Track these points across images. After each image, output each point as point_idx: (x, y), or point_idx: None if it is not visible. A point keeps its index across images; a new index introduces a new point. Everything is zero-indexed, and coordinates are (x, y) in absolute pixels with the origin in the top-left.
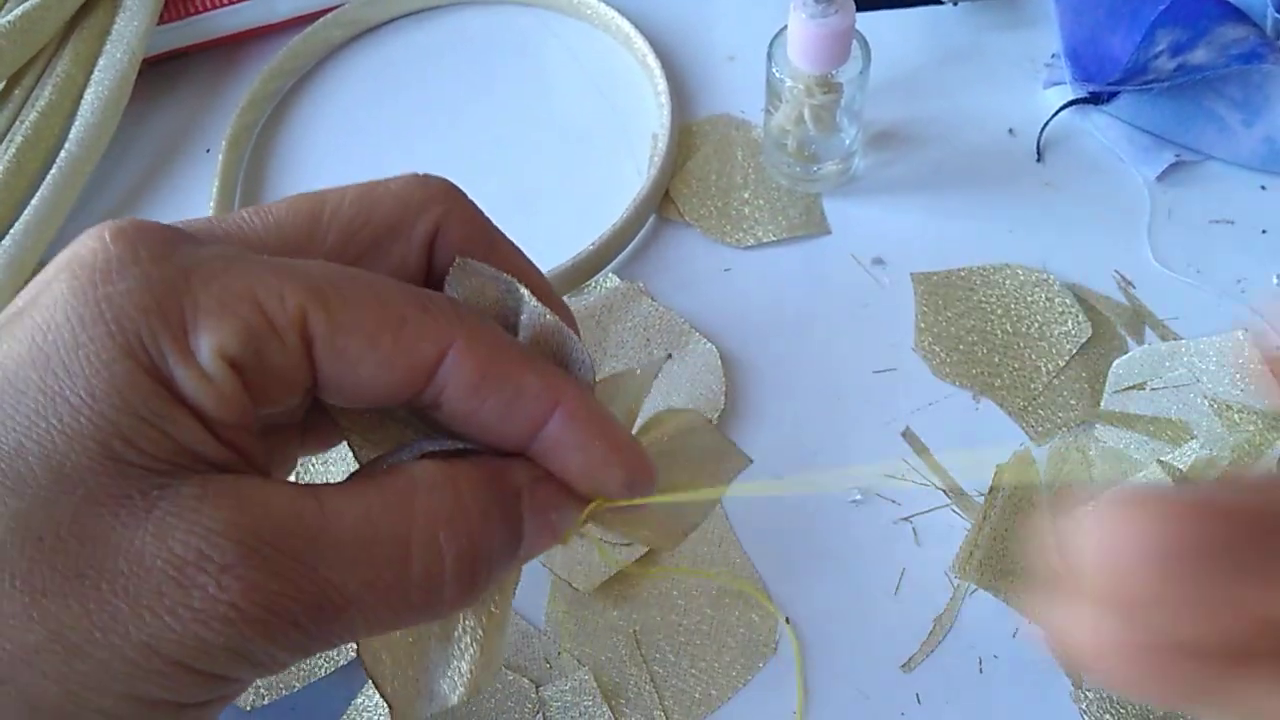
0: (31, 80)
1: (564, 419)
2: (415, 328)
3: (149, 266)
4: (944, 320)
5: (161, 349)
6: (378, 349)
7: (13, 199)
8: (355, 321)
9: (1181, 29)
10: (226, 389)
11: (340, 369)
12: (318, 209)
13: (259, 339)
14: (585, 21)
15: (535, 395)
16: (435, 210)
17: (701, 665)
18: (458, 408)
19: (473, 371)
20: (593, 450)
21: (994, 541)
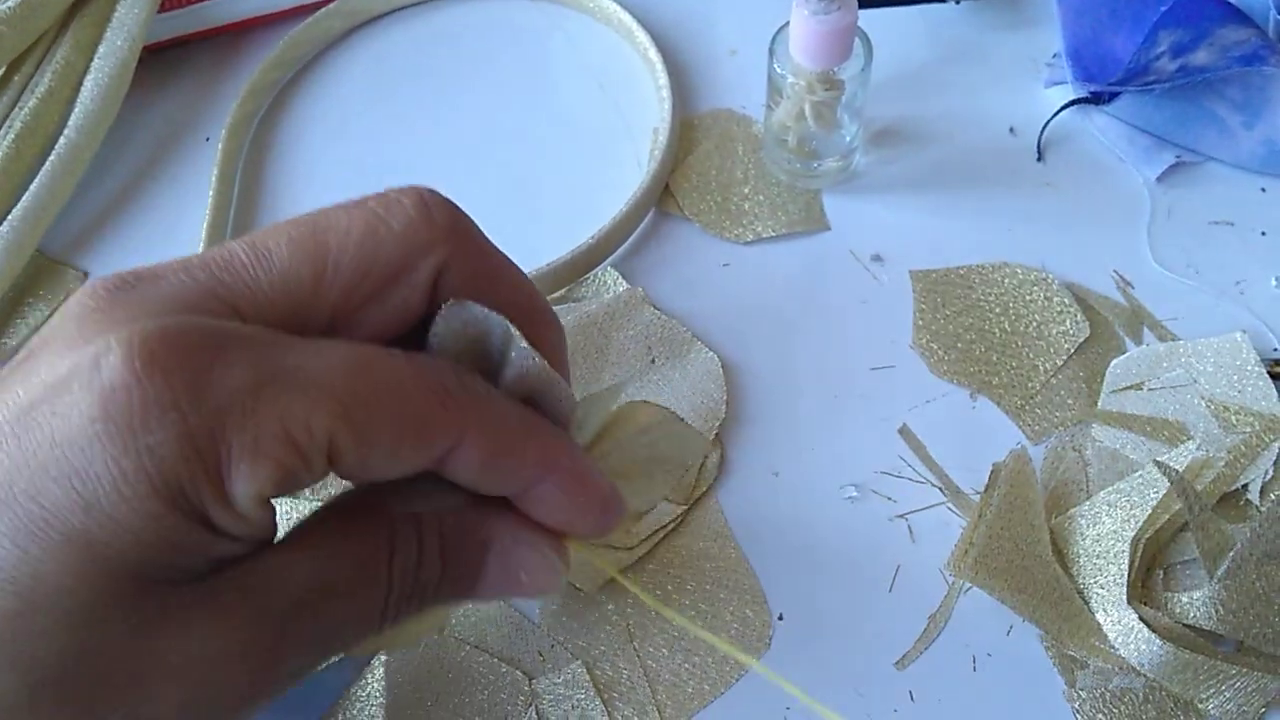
0: (31, 67)
1: (556, 482)
2: (434, 429)
3: (187, 412)
4: (942, 318)
5: (202, 497)
6: (398, 455)
7: (11, 185)
8: (379, 438)
9: (1183, 30)
10: (260, 522)
11: (360, 472)
12: (320, 261)
13: (290, 475)
14: (587, 14)
15: (534, 463)
16: (439, 252)
17: (695, 660)
18: (464, 479)
19: (482, 458)
20: (575, 506)
21: (990, 540)
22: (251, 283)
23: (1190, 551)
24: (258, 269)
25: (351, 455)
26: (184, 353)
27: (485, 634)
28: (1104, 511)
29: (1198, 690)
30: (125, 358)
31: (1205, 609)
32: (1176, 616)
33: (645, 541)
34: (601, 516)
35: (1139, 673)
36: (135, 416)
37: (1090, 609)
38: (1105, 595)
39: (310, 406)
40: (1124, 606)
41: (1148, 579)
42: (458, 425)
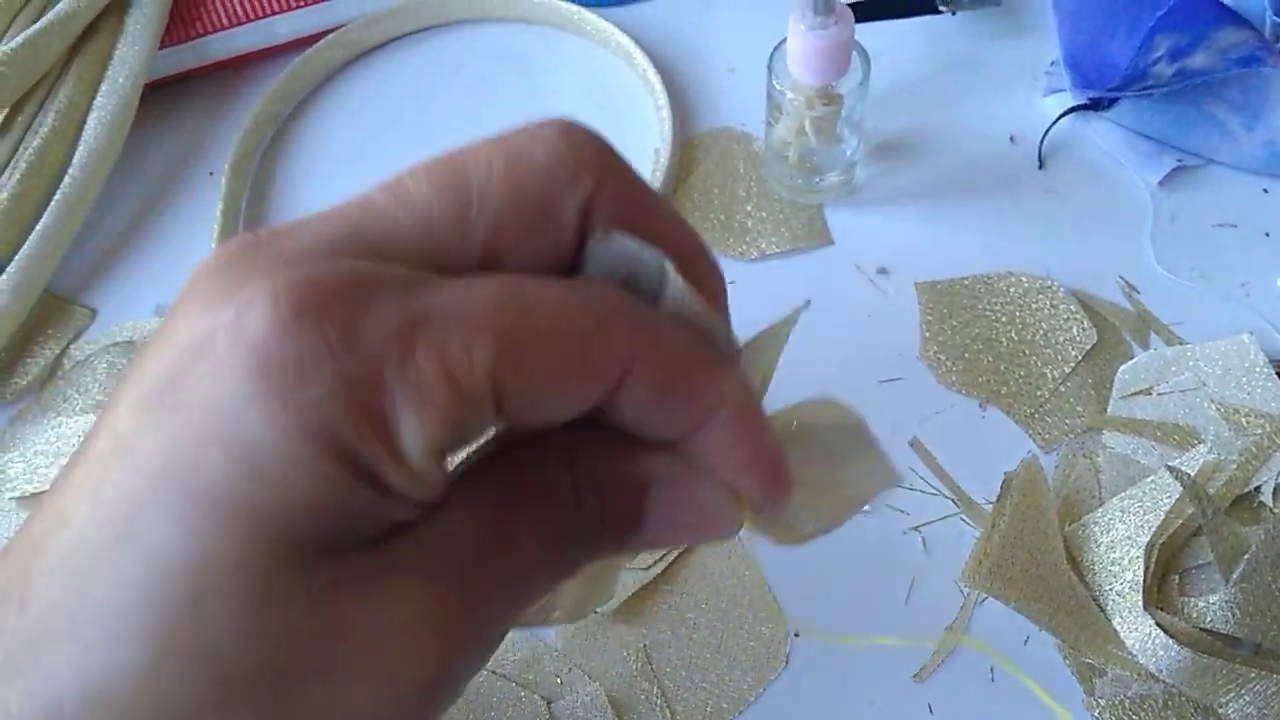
0: (35, 106)
1: (722, 420)
2: (599, 355)
3: (344, 359)
4: (949, 329)
5: (371, 454)
6: (564, 388)
7: (18, 225)
8: (543, 369)
9: (1180, 34)
10: (434, 479)
11: (527, 411)
12: (465, 197)
13: (460, 425)
14: (585, 38)
15: (702, 399)
16: (586, 185)
17: (712, 679)
18: (630, 415)
19: (651, 387)
20: (744, 450)
21: (1003, 549)
22: (392, 224)
23: (1205, 555)
24: (398, 210)
25: (517, 394)
26: (332, 299)
27: (502, 659)
28: (1117, 518)
29: (1217, 694)
30: (271, 309)
31: (1222, 613)
32: (1193, 621)
33: (660, 560)
34: (771, 474)
35: (1158, 679)
36: (290, 370)
37: (1107, 616)
38: (1121, 602)
39: (469, 344)
40: (1140, 613)
41: (1163, 584)
42: (626, 350)
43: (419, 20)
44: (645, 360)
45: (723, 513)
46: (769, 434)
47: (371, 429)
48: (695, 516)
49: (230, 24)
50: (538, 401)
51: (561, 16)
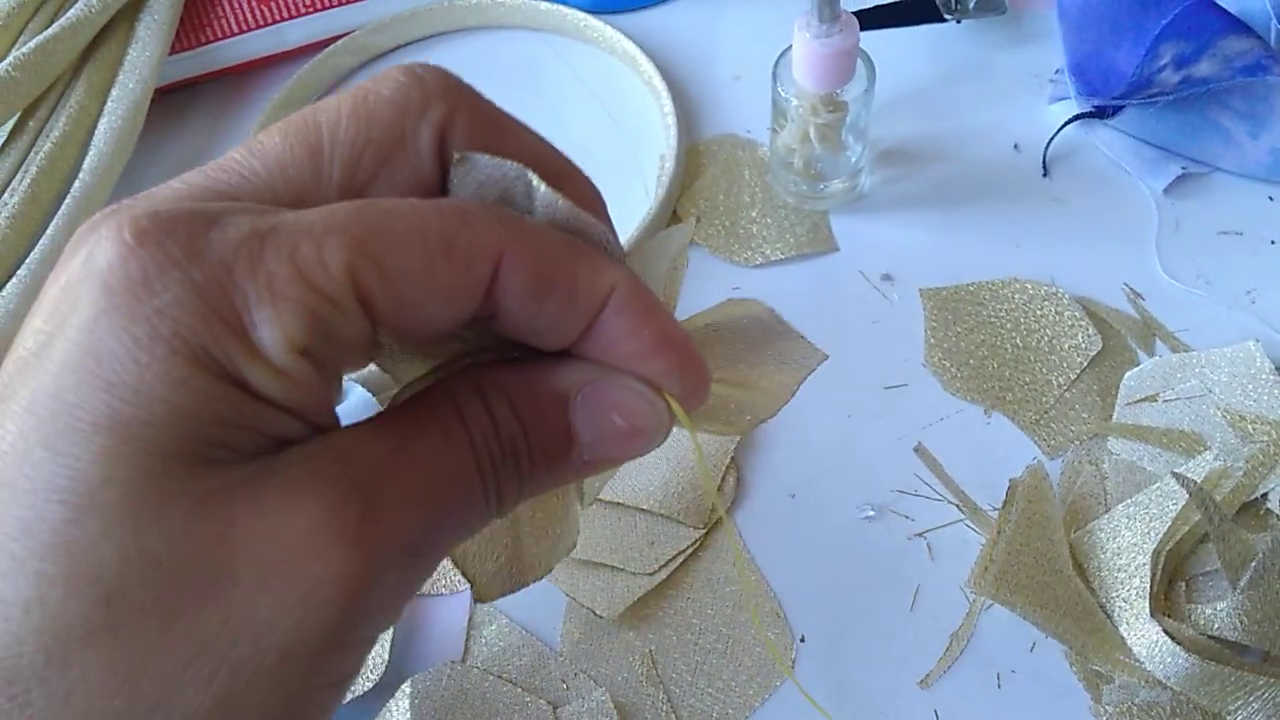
0: (46, 111)
1: (615, 307)
2: (464, 249)
3: (189, 267)
4: (954, 335)
5: (229, 353)
6: (435, 284)
7: (29, 229)
8: (405, 264)
9: (1185, 42)
10: (302, 377)
11: (402, 314)
12: (315, 140)
13: (321, 319)
14: (592, 45)
15: (589, 287)
16: (437, 112)
17: (718, 684)
18: (517, 315)
19: (527, 277)
20: (642, 337)
21: (1010, 556)
22: (248, 172)
23: (1212, 562)
24: (252, 161)
25: (381, 291)
26: (176, 222)
27: (508, 664)
28: (1123, 525)
29: (1225, 702)
30: (116, 238)
31: (1229, 620)
32: (1200, 628)
33: (665, 566)
34: (681, 355)
35: (1165, 686)
36: (136, 284)
37: (1113, 623)
38: (1128, 609)
39: (321, 243)
40: (1148, 619)
41: (1170, 591)
42: (493, 242)
43: (427, 27)
44: (516, 251)
45: (646, 409)
46: (668, 318)
47: (225, 328)
48: (620, 419)
49: (240, 30)
50: (408, 300)
51: (568, 23)
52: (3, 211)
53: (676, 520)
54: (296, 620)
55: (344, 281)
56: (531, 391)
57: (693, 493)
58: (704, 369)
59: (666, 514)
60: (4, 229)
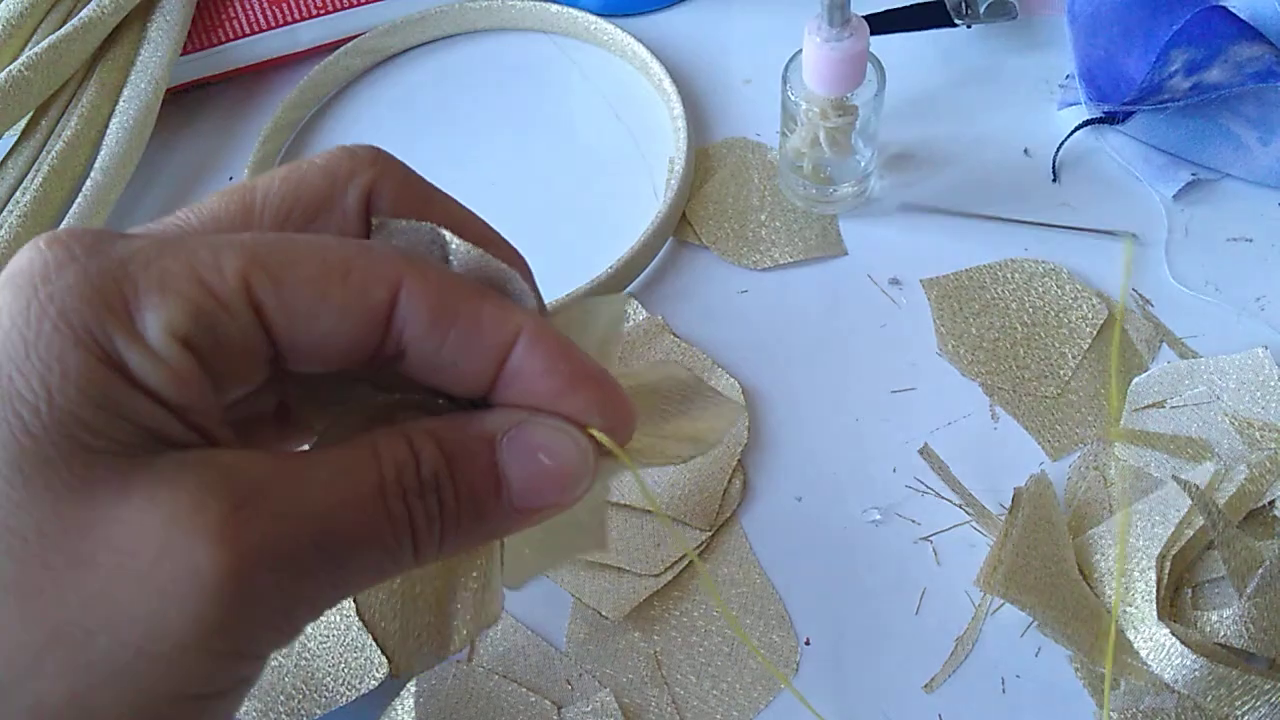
0: (58, 111)
1: (526, 345)
2: (361, 272)
3: (85, 261)
4: (962, 321)
5: (109, 334)
6: (329, 299)
7: (41, 227)
8: (300, 277)
9: (1196, 48)
10: (182, 368)
11: (296, 328)
12: (249, 197)
13: (207, 313)
14: (602, 47)
15: (495, 323)
16: (364, 177)
17: (723, 686)
18: (421, 349)
19: (428, 306)
20: (558, 374)
21: (1017, 557)
22: (182, 223)
23: (1218, 569)
24: (191, 215)
25: (273, 299)
26: (87, 232)
27: (513, 664)
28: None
29: (1233, 706)
30: (32, 245)
31: (1235, 627)
32: (1206, 635)
33: (671, 568)
34: (598, 389)
35: (1171, 690)
36: (36, 275)
37: (1120, 627)
38: (1134, 613)
39: (220, 251)
40: (1155, 623)
41: (1176, 598)
42: (391, 270)
43: (438, 29)
44: (416, 281)
45: (572, 447)
46: (583, 355)
47: (109, 311)
48: (548, 459)
49: (252, 31)
50: (301, 313)
51: (578, 26)
52: (15, 210)
53: (683, 522)
54: (153, 614)
55: (236, 285)
56: (458, 432)
57: (699, 495)
58: (626, 402)
59: (673, 515)
60: (16, 228)
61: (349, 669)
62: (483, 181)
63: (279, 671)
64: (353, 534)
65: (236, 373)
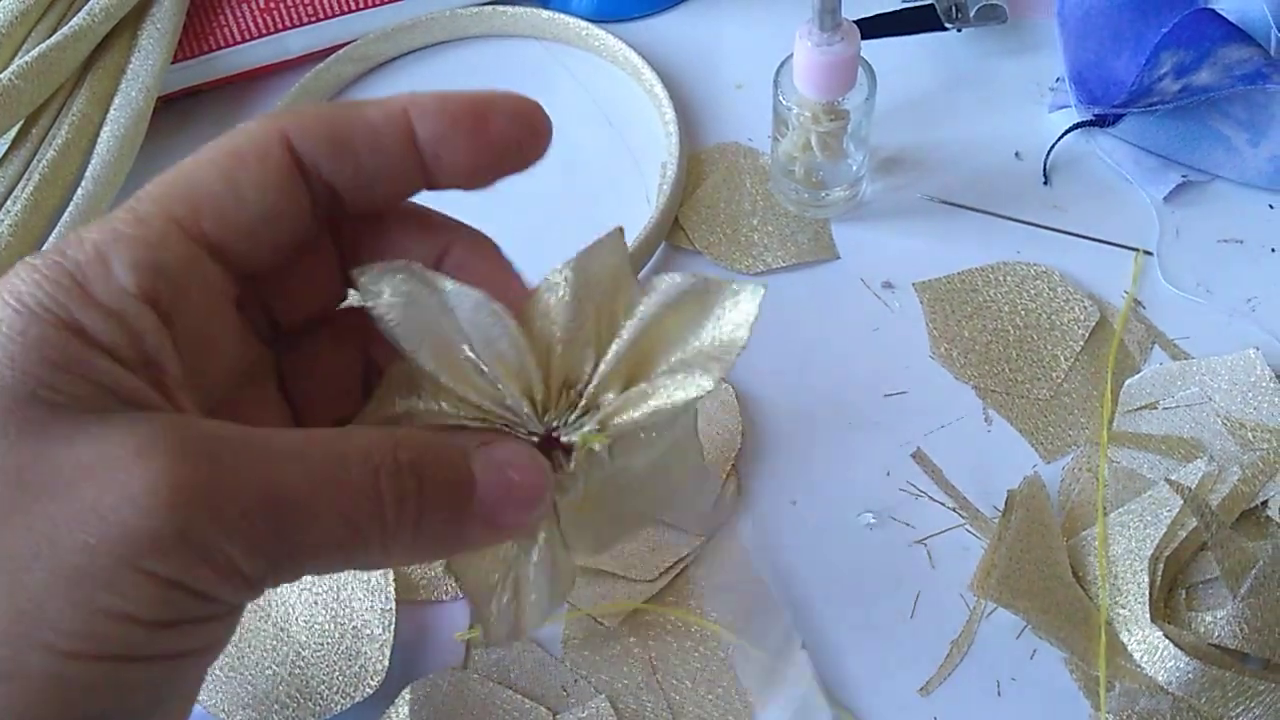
0: (49, 119)
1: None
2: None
3: (34, 259)
4: (955, 325)
5: (63, 303)
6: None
7: (31, 236)
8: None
9: (1185, 51)
10: (138, 319)
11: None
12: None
13: (151, 258)
14: (594, 53)
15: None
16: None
17: (718, 691)
18: (434, 143)
19: (432, 110)
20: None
21: (1011, 561)
22: None
23: (1212, 570)
24: None
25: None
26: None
27: (509, 670)
28: (1117, 532)
29: (1227, 708)
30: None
31: (1229, 628)
32: (1200, 636)
33: (666, 573)
34: None
35: (1166, 692)
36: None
37: (1114, 629)
38: (1128, 615)
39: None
40: (1148, 625)
41: (1170, 599)
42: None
43: (430, 36)
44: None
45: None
46: None
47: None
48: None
49: (243, 39)
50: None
51: (570, 32)
52: (6, 219)
53: (678, 528)
54: (94, 535)
55: (165, 225)
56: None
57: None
58: None
59: (668, 521)
60: (7, 236)
61: (343, 677)
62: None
63: (273, 680)
64: (313, 504)
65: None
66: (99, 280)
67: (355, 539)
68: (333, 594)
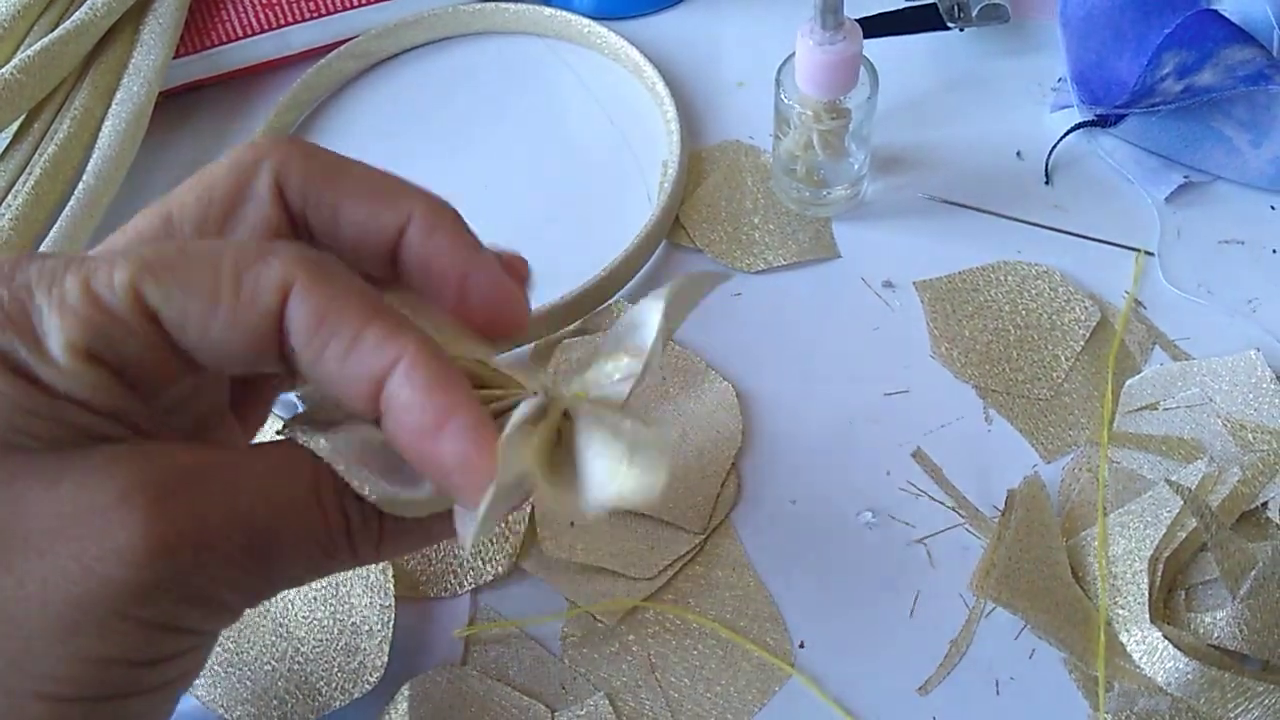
0: (50, 113)
1: (402, 375)
2: (254, 278)
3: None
4: (955, 324)
5: (21, 355)
6: (219, 306)
7: (31, 230)
8: (189, 284)
9: (1188, 51)
10: (88, 379)
11: (191, 335)
12: (167, 208)
13: (100, 328)
14: (596, 51)
15: (372, 347)
16: (270, 162)
17: (717, 689)
18: (301, 357)
19: (309, 313)
20: (425, 412)
21: (1010, 560)
22: (108, 246)
23: (1211, 571)
24: (117, 237)
25: (165, 309)
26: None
27: (507, 667)
28: (1117, 532)
29: (1226, 709)
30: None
31: (1229, 629)
32: (1200, 637)
33: (664, 572)
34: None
35: (1165, 693)
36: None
37: (1113, 629)
38: (1127, 615)
39: (113, 264)
40: (1148, 625)
41: (1169, 599)
42: (283, 275)
43: (431, 32)
44: (302, 286)
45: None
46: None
47: (16, 332)
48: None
49: (245, 34)
50: (191, 320)
51: (572, 29)
52: (7, 214)
53: (676, 525)
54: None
55: (127, 297)
56: None
57: (692, 498)
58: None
59: (667, 519)
60: (8, 231)
61: (343, 673)
62: (476, 184)
63: (272, 675)
64: (283, 530)
65: (152, 376)
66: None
67: (326, 555)
68: (332, 590)
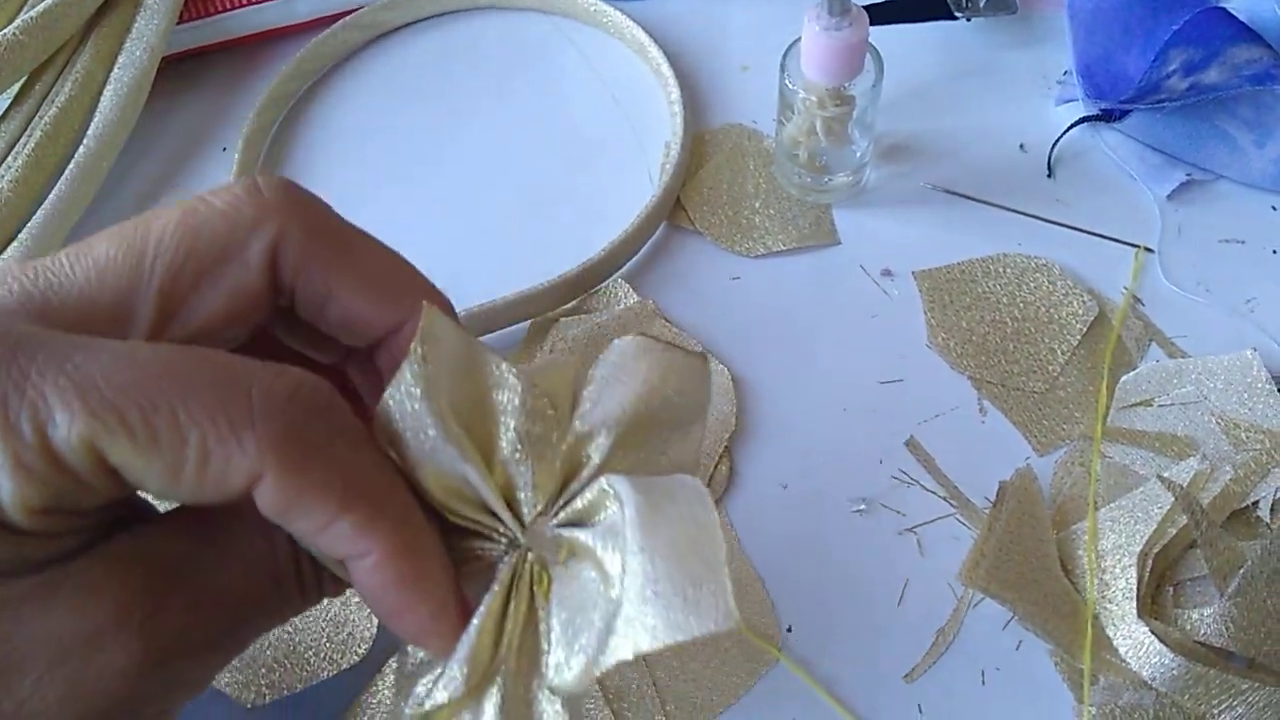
0: (52, 76)
1: (371, 565)
2: (223, 464)
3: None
4: (953, 314)
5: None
6: (181, 482)
7: (31, 193)
8: (150, 456)
9: (1195, 49)
10: (48, 526)
11: (153, 492)
12: (141, 246)
13: (58, 490)
14: (601, 29)
15: (346, 537)
16: (270, 226)
17: (704, 671)
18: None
19: (277, 502)
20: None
21: (1000, 551)
22: (66, 278)
23: (1200, 568)
24: (75, 264)
25: (126, 470)
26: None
27: None
28: (1108, 527)
29: (1210, 705)
30: None
31: (1216, 626)
32: (1186, 633)
33: None
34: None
35: (1150, 687)
36: None
37: (1100, 623)
38: (1115, 609)
39: (70, 410)
40: (1134, 620)
41: (1158, 595)
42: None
43: (437, 5)
44: (271, 480)
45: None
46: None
47: None
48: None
49: (249, 1)
50: (152, 484)
51: (578, 7)
52: (6, 175)
53: None
54: (81, 705)
55: (87, 457)
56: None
57: None
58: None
59: None
60: (7, 193)
61: (331, 644)
62: (478, 160)
63: (260, 644)
64: (255, 613)
65: (115, 502)
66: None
67: (287, 611)
68: None
